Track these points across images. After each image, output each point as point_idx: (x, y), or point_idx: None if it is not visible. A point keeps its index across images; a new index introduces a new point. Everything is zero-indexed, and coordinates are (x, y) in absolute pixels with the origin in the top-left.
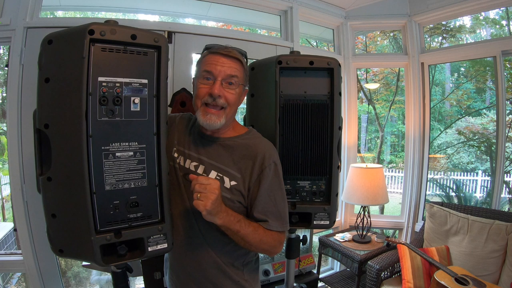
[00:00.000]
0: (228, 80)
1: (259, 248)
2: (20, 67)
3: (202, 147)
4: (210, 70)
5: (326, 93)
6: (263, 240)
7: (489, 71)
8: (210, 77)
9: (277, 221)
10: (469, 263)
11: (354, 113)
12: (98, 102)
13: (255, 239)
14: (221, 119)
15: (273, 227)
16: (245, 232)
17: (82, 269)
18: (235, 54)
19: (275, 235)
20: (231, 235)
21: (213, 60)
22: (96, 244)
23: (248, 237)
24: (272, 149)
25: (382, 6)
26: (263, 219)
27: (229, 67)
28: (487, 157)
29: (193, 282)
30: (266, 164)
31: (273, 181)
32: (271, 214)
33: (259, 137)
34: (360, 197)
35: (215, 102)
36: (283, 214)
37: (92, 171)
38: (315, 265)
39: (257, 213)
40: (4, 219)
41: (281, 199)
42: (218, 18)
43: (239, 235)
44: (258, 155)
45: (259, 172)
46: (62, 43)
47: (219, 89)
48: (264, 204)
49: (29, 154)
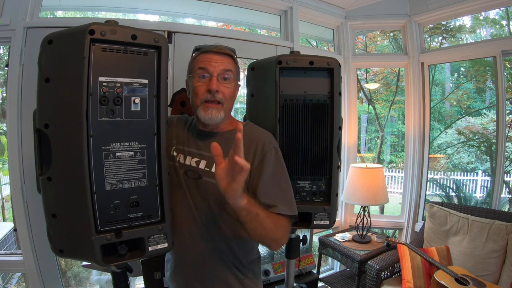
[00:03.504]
0: (223, 75)
1: (271, 238)
2: (20, 67)
3: (202, 143)
4: (205, 67)
5: (326, 93)
6: (277, 226)
7: (489, 71)
8: (205, 74)
9: (285, 206)
10: (469, 263)
11: (354, 113)
12: (98, 102)
13: (271, 225)
14: (221, 113)
15: (282, 211)
16: (263, 215)
17: (82, 269)
18: (226, 51)
19: (284, 221)
20: (250, 220)
21: (206, 58)
22: (96, 244)
23: (265, 221)
24: (271, 136)
25: (382, 6)
26: (271, 204)
27: (222, 62)
28: (487, 157)
29: (198, 281)
30: (267, 149)
31: (276, 165)
32: (278, 198)
33: (257, 127)
34: (360, 197)
35: (213, 97)
36: (290, 198)
37: (92, 171)
38: (315, 265)
39: (263, 198)
40: (4, 219)
41: (286, 183)
42: (218, 18)
43: (258, 219)
44: (259, 142)
45: (260, 158)
46: (63, 43)
47: (217, 84)
48: (270, 189)
49: (29, 154)
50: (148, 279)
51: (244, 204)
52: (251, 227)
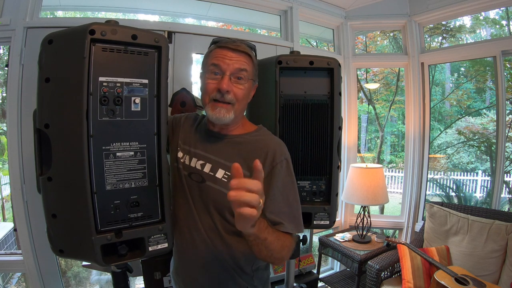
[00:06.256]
0: (237, 74)
1: (275, 257)
2: (20, 67)
3: (209, 145)
4: (218, 64)
5: (326, 93)
6: (283, 247)
7: (489, 71)
8: (218, 71)
9: (292, 223)
10: (469, 263)
11: (354, 113)
12: (98, 102)
13: (278, 246)
14: (230, 114)
15: (288, 229)
16: (271, 239)
17: (82, 269)
18: (244, 48)
19: (290, 239)
20: (257, 244)
21: (220, 54)
22: (96, 244)
23: (272, 244)
24: (283, 146)
25: (382, 6)
26: (278, 221)
27: (237, 60)
28: (487, 157)
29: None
30: (278, 160)
31: (286, 179)
32: (285, 215)
33: (269, 134)
34: (360, 197)
35: (223, 98)
36: (297, 215)
37: (92, 171)
38: (315, 265)
39: (270, 214)
40: (4, 219)
41: (295, 199)
42: (218, 18)
43: (265, 243)
44: (269, 151)
45: (270, 169)
46: (63, 43)
47: (228, 84)
48: (277, 204)
49: (29, 154)
50: (148, 279)
51: (256, 231)
52: (257, 250)
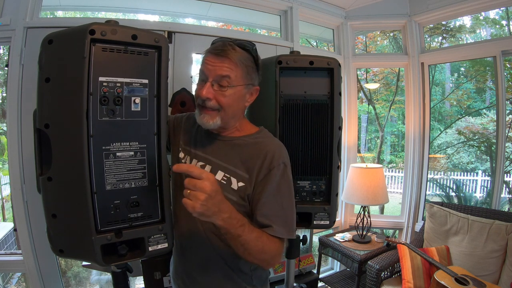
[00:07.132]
0: (219, 81)
1: (257, 258)
2: (20, 67)
3: (209, 146)
4: (203, 70)
5: (326, 93)
6: (264, 249)
7: (489, 71)
8: (204, 77)
9: (283, 227)
10: (469, 263)
11: (354, 113)
12: (98, 102)
13: (257, 247)
14: (215, 120)
15: (277, 233)
16: (247, 238)
17: (82, 269)
18: (227, 54)
19: (278, 243)
20: (230, 239)
21: (206, 59)
22: (96, 244)
23: (249, 244)
24: (282, 149)
25: (382, 6)
26: (267, 224)
27: (220, 67)
28: (487, 157)
29: (197, 286)
30: (275, 164)
31: (281, 183)
32: (277, 218)
33: (270, 136)
34: (360, 197)
35: (205, 104)
36: (290, 220)
37: (92, 171)
38: (315, 265)
39: (260, 217)
40: (4, 219)
41: (289, 204)
42: (218, 18)
43: (240, 240)
44: (267, 154)
45: (266, 172)
46: (63, 43)
47: (207, 92)
48: (270, 207)
49: (29, 154)
50: (148, 279)
51: (221, 224)
52: (233, 245)
